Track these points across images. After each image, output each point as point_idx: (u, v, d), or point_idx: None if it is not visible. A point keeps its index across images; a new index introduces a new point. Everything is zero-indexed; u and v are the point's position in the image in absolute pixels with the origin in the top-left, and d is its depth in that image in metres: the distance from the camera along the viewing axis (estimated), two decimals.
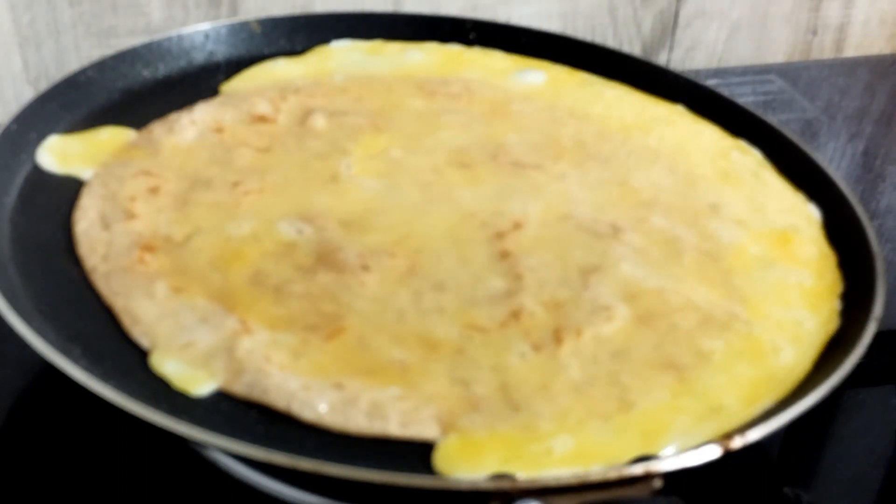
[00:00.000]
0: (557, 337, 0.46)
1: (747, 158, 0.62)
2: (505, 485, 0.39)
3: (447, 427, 0.42)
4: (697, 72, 0.89)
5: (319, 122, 0.61)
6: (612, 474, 0.39)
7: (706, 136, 0.64)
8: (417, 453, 0.41)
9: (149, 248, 0.50)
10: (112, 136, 0.59)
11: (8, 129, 0.55)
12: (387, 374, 0.44)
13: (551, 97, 0.67)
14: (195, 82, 0.65)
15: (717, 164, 0.61)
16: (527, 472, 0.40)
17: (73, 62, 0.73)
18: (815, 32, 0.95)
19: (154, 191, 0.54)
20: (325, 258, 0.50)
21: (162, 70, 0.66)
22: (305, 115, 0.62)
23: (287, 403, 0.42)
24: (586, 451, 0.41)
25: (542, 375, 0.44)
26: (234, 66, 0.67)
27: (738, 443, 0.41)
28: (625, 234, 0.54)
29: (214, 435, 0.39)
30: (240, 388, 0.43)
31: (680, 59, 0.92)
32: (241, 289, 0.48)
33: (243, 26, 0.69)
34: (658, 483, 0.39)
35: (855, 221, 0.55)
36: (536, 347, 0.46)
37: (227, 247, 0.51)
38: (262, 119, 0.61)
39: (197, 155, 0.57)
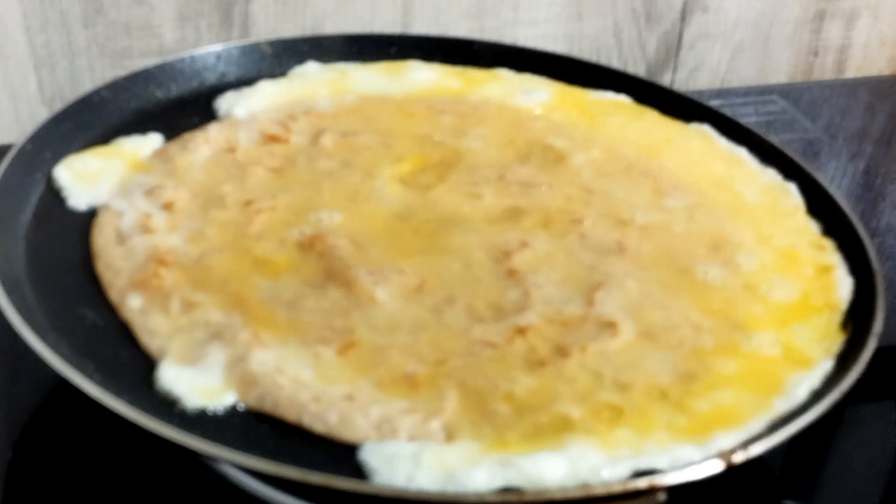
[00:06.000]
0: (563, 352, 0.47)
1: (754, 180, 0.63)
2: (511, 498, 0.39)
3: (455, 440, 0.42)
4: (701, 92, 0.90)
5: (330, 141, 0.62)
6: (617, 487, 0.40)
7: (712, 157, 0.65)
8: None
9: (163, 263, 0.50)
10: (128, 153, 0.60)
11: (23, 148, 0.56)
12: (396, 388, 0.44)
13: (559, 118, 0.68)
14: (207, 103, 0.66)
15: (725, 186, 0.62)
16: (532, 482, 0.40)
17: (87, 83, 0.74)
18: (816, 54, 0.96)
19: (169, 207, 0.55)
20: (337, 274, 0.51)
21: (174, 90, 0.67)
22: (317, 135, 0.63)
23: (298, 416, 0.43)
24: (586, 461, 0.41)
25: (549, 389, 0.45)
26: (246, 86, 0.67)
27: (740, 457, 0.41)
28: (630, 252, 0.54)
29: (226, 449, 0.40)
30: (252, 400, 0.44)
31: (684, 79, 0.93)
32: (253, 303, 0.49)
33: (254, 48, 0.70)
34: (662, 496, 0.40)
35: (855, 239, 0.55)
36: (543, 362, 0.46)
37: (240, 263, 0.51)
38: (274, 139, 0.62)
39: (211, 173, 0.58)
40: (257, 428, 0.43)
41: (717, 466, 0.41)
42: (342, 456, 0.42)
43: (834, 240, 0.57)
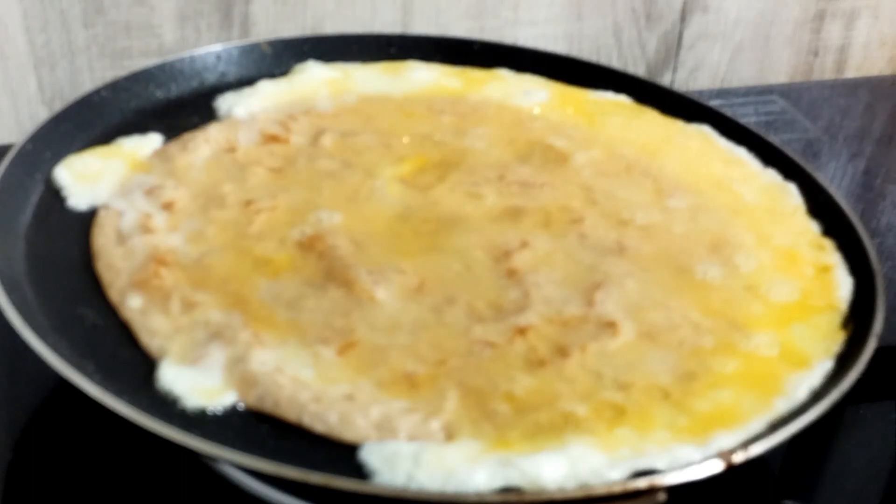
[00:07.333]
0: (563, 352, 0.47)
1: (754, 180, 0.63)
2: (511, 498, 0.39)
3: (455, 439, 0.42)
4: (701, 92, 0.90)
5: (330, 141, 0.62)
6: (617, 487, 0.40)
7: (712, 157, 0.65)
8: None
9: (164, 263, 0.50)
10: (128, 153, 0.60)
11: (23, 148, 0.56)
12: (396, 387, 0.45)
13: (559, 118, 0.68)
14: (207, 103, 0.66)
15: (724, 186, 0.62)
16: (532, 482, 0.40)
17: (87, 83, 0.74)
18: (816, 54, 0.96)
19: (169, 207, 0.55)
20: (337, 274, 0.51)
21: (174, 90, 0.67)
22: (317, 136, 0.63)
23: (298, 415, 0.43)
24: (586, 461, 0.41)
25: (549, 389, 0.45)
26: (246, 86, 0.68)
27: (740, 457, 0.41)
28: (630, 252, 0.54)
29: (226, 449, 0.40)
30: (252, 400, 0.44)
31: (684, 79, 0.93)
32: (254, 303, 0.49)
33: (254, 48, 0.70)
34: (662, 497, 0.40)
35: (855, 239, 0.56)
36: (543, 362, 0.46)
37: (240, 263, 0.51)
38: (274, 139, 0.62)
39: (211, 173, 0.59)
40: (257, 428, 0.43)
41: (717, 466, 0.41)
42: (342, 456, 0.42)
43: (834, 240, 0.57)
